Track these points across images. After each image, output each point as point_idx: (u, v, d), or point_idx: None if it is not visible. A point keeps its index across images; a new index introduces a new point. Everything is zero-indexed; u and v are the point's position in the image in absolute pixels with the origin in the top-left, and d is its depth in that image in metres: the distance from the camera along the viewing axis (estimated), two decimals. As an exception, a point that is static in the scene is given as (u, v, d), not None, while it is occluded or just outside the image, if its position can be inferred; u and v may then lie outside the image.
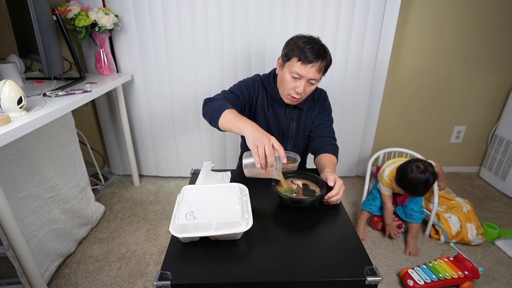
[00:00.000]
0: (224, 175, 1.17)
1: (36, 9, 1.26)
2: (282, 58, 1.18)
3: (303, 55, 1.08)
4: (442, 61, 2.12)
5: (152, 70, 2.01)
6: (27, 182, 1.33)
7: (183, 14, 1.85)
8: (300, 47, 1.09)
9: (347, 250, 0.81)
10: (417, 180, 1.49)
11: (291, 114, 1.29)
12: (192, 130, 2.20)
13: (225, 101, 1.11)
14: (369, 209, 1.79)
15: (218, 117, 1.03)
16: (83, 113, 2.22)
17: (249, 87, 1.24)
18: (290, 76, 1.13)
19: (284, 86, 1.17)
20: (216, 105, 1.06)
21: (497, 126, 2.30)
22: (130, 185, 2.30)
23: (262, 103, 1.27)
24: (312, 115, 1.31)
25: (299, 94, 1.15)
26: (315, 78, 1.12)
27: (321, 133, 1.28)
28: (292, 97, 1.18)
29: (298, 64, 1.10)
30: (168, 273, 0.72)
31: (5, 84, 1.06)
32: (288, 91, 1.17)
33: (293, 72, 1.11)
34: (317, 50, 1.09)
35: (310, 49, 1.08)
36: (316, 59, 1.09)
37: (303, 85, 1.13)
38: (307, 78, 1.11)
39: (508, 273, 1.55)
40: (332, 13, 1.86)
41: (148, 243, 1.73)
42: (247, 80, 1.27)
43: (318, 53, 1.09)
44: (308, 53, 1.08)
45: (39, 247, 1.38)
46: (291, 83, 1.14)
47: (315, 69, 1.10)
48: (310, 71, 1.10)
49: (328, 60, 1.13)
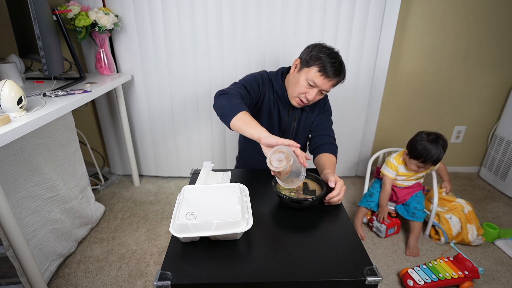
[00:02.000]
0: (224, 175, 1.17)
1: (36, 9, 1.26)
2: (301, 62, 1.18)
3: (324, 68, 1.11)
4: (442, 61, 2.12)
5: (152, 70, 2.01)
6: (27, 182, 1.33)
7: (183, 14, 1.85)
8: (322, 58, 1.12)
9: (347, 250, 0.81)
10: (429, 145, 1.53)
11: (294, 114, 1.30)
12: (192, 130, 2.20)
13: (240, 98, 1.09)
14: (367, 205, 1.79)
15: (232, 117, 1.00)
16: (83, 113, 2.22)
17: (258, 82, 1.24)
18: (305, 82, 1.15)
19: (296, 89, 1.18)
20: (232, 103, 1.03)
21: (497, 126, 2.30)
22: (130, 185, 2.30)
23: (268, 100, 1.28)
24: (312, 115, 1.33)
25: (308, 100, 1.18)
26: (327, 90, 1.17)
27: (321, 132, 1.30)
28: (300, 100, 1.20)
29: (317, 75, 1.12)
30: (168, 273, 0.72)
31: (5, 84, 1.06)
32: (299, 95, 1.19)
33: (310, 80, 1.14)
34: (338, 67, 1.13)
35: (331, 64, 1.11)
36: (335, 76, 1.13)
37: (315, 93, 1.16)
38: (321, 88, 1.15)
39: (508, 273, 1.55)
40: (332, 13, 1.86)
41: (148, 243, 1.73)
42: (256, 75, 1.26)
43: (338, 70, 1.13)
44: (329, 68, 1.11)
45: (39, 247, 1.38)
46: (304, 88, 1.16)
47: (331, 84, 1.15)
48: (327, 84, 1.14)
49: (343, 76, 1.17)
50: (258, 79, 1.25)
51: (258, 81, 1.24)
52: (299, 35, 1.91)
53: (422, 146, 1.54)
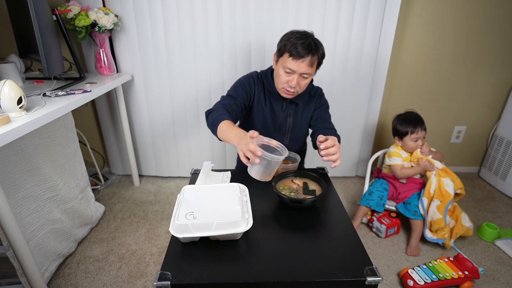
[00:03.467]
0: (224, 175, 1.17)
1: (36, 9, 1.26)
2: (276, 54, 1.21)
3: (294, 50, 1.11)
4: (442, 61, 2.12)
5: (152, 70, 2.01)
6: (27, 182, 1.33)
7: (183, 13, 1.85)
8: (292, 42, 1.12)
9: (347, 250, 0.81)
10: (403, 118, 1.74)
11: (288, 109, 1.31)
12: (192, 130, 2.20)
13: (222, 110, 1.14)
14: (366, 204, 1.79)
15: (216, 130, 1.08)
16: (83, 113, 2.22)
17: (244, 86, 1.28)
18: (283, 71, 1.17)
19: (279, 80, 1.21)
20: (213, 117, 1.11)
21: (497, 126, 2.30)
22: (130, 185, 2.30)
23: (259, 98, 1.30)
24: (309, 111, 1.33)
25: (293, 87, 1.18)
26: (307, 72, 1.15)
27: (322, 126, 1.29)
28: (286, 90, 1.21)
29: (289, 60, 1.13)
30: (168, 273, 0.72)
31: (5, 84, 1.06)
32: (282, 85, 1.20)
33: (286, 67, 1.15)
34: (308, 45, 1.11)
35: (301, 44, 1.11)
36: (307, 54, 1.11)
37: (296, 79, 1.16)
38: (299, 72, 1.15)
39: (508, 273, 1.55)
40: (332, 13, 1.86)
41: (148, 243, 1.73)
42: (242, 79, 1.30)
43: (309, 48, 1.11)
44: (299, 48, 1.11)
45: (39, 247, 1.38)
46: (284, 77, 1.18)
47: (306, 64, 1.13)
48: (301, 66, 1.13)
49: (320, 54, 1.16)
50: (244, 83, 1.28)
51: (245, 85, 1.28)
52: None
53: (401, 122, 1.73)
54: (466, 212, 2.01)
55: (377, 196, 1.78)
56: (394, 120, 1.79)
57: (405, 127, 1.71)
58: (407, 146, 1.72)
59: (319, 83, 2.05)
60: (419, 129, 1.68)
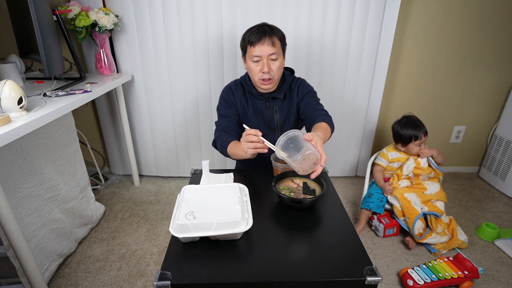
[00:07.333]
0: (227, 177, 1.17)
1: (36, 9, 1.27)
2: (242, 55, 1.27)
3: (252, 37, 1.18)
4: (442, 61, 2.12)
5: (152, 70, 2.01)
6: (27, 182, 1.33)
7: (183, 14, 1.85)
8: (247, 34, 1.20)
9: (347, 250, 0.81)
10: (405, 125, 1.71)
11: (272, 106, 1.33)
12: (192, 130, 2.20)
13: (224, 135, 1.23)
14: (366, 207, 1.79)
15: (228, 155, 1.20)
16: (83, 113, 2.22)
17: (226, 100, 1.34)
18: (252, 62, 1.21)
19: (253, 74, 1.24)
20: (219, 145, 1.23)
21: (497, 126, 2.30)
22: (130, 185, 2.30)
23: (241, 103, 1.33)
24: (293, 102, 1.34)
25: (267, 73, 1.20)
26: (273, 52, 1.18)
27: (310, 110, 1.27)
28: (262, 80, 1.23)
29: (252, 48, 1.19)
30: (168, 273, 0.73)
31: (5, 84, 1.06)
32: (258, 77, 1.23)
33: (252, 57, 1.19)
34: (262, 28, 1.18)
35: (256, 31, 1.18)
36: (264, 35, 1.17)
37: (266, 63, 1.19)
38: (265, 55, 1.18)
39: (508, 273, 1.55)
40: (332, 13, 1.86)
41: (148, 243, 1.73)
42: (223, 94, 1.36)
43: (263, 31, 1.18)
44: (255, 34, 1.17)
45: (39, 247, 1.38)
46: (256, 67, 1.21)
47: (268, 44, 1.17)
48: (263, 48, 1.17)
49: (279, 35, 1.21)
50: (225, 97, 1.34)
51: (225, 99, 1.34)
52: (300, 37, 1.91)
53: (402, 129, 1.71)
54: (466, 212, 2.02)
55: (377, 198, 1.78)
56: (395, 127, 1.76)
57: (408, 134, 1.69)
58: (411, 151, 1.73)
59: (319, 82, 2.06)
60: (422, 135, 1.68)
